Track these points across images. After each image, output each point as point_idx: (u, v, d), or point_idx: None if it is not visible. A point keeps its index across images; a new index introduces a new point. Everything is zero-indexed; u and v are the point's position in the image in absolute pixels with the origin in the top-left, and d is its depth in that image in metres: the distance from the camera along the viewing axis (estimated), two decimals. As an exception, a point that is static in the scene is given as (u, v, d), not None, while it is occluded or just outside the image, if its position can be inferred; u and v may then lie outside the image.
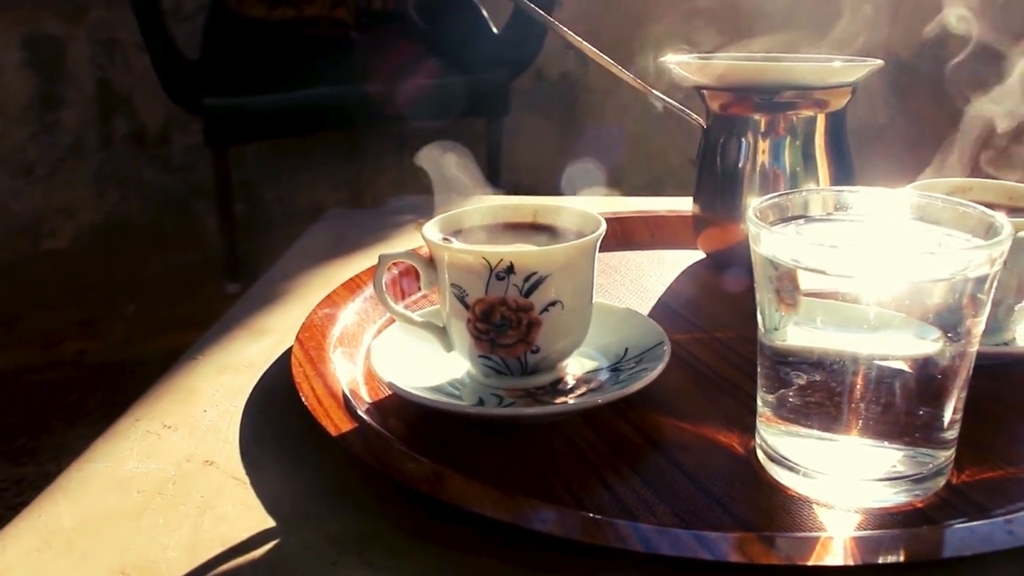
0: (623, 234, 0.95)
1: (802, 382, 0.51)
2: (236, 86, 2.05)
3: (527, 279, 0.58)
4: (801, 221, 0.56)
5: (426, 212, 0.68)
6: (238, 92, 2.03)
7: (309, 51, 2.12)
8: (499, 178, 2.07)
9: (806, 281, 0.50)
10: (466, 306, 0.60)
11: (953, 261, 0.49)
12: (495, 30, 2.13)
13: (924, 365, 0.50)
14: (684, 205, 0.91)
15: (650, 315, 0.77)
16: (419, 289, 0.80)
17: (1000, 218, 0.51)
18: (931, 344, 0.49)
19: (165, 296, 2.43)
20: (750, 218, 0.51)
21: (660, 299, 0.82)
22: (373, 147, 2.48)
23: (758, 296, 0.53)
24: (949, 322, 0.49)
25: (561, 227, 0.65)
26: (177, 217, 2.48)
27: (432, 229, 0.64)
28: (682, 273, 0.87)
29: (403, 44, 2.13)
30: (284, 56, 2.10)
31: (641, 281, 0.85)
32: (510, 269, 0.58)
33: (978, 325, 0.50)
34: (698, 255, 0.91)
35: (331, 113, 2.10)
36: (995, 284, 0.50)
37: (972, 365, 0.51)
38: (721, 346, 0.71)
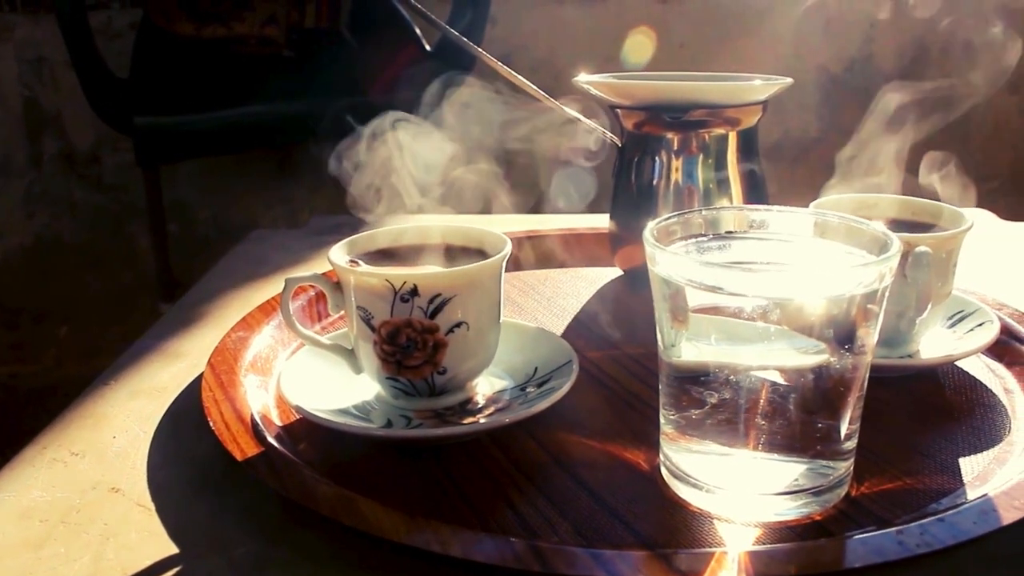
0: (542, 252, 0.96)
1: (701, 399, 0.52)
2: (167, 105, 2.02)
3: (431, 301, 0.59)
4: (703, 239, 0.57)
5: (349, 232, 0.68)
6: (169, 111, 2.01)
7: (241, 69, 2.10)
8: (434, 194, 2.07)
9: (701, 298, 0.50)
10: (372, 328, 0.60)
11: (842, 278, 0.50)
12: (428, 47, 2.13)
13: (819, 378, 0.51)
14: (603, 223, 0.92)
15: (564, 333, 0.78)
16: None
17: (889, 235, 0.52)
18: (825, 357, 0.50)
19: (98, 317, 2.40)
20: (646, 238, 0.52)
21: (576, 317, 0.82)
22: (308, 165, 2.46)
23: (656, 314, 0.54)
24: (842, 335, 0.50)
25: (469, 248, 0.66)
26: (109, 237, 2.45)
27: (339, 252, 0.64)
28: (599, 291, 0.88)
29: (336, 62, 2.12)
30: (215, 74, 2.09)
31: (557, 299, 0.86)
32: (414, 291, 0.58)
33: (871, 336, 0.51)
34: (615, 272, 0.92)
35: (264, 131, 2.09)
36: (886, 297, 0.51)
37: (867, 375, 0.52)
38: (633, 363, 0.72)
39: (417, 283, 0.58)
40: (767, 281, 0.50)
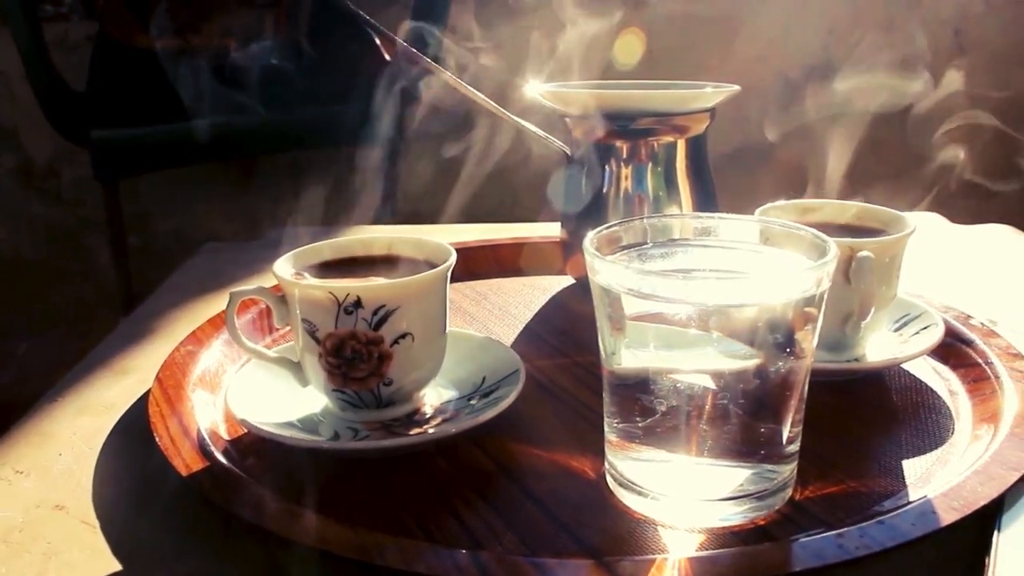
0: (496, 261, 0.96)
1: (643, 406, 0.52)
2: (124, 117, 2.01)
3: (375, 312, 0.59)
4: (646, 247, 0.57)
5: (304, 244, 0.68)
6: (127, 123, 1.99)
7: (198, 81, 2.09)
8: (395, 207, 2.06)
9: (640, 306, 0.51)
10: (317, 341, 0.60)
11: (779, 284, 0.50)
12: (387, 57, 2.13)
13: (760, 383, 0.51)
14: (556, 231, 0.92)
15: (515, 342, 0.78)
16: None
17: (827, 240, 0.52)
18: (764, 362, 0.50)
19: (59, 333, 2.37)
20: (585, 248, 0.52)
21: (527, 325, 0.82)
22: (269, 176, 2.45)
23: (598, 322, 0.54)
24: (781, 340, 0.50)
25: (415, 259, 0.66)
26: (70, 252, 2.43)
27: (284, 265, 0.63)
28: (551, 299, 0.88)
29: (295, 73, 2.12)
30: (173, 86, 2.07)
31: (509, 308, 0.86)
32: (358, 303, 0.58)
33: (810, 341, 0.52)
34: (568, 280, 0.92)
35: (221, 143, 2.08)
36: (825, 302, 0.51)
37: (807, 379, 0.53)
38: (582, 371, 0.72)
39: (360, 295, 0.58)
40: (703, 288, 0.50)
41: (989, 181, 2.77)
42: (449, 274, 0.63)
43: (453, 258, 0.63)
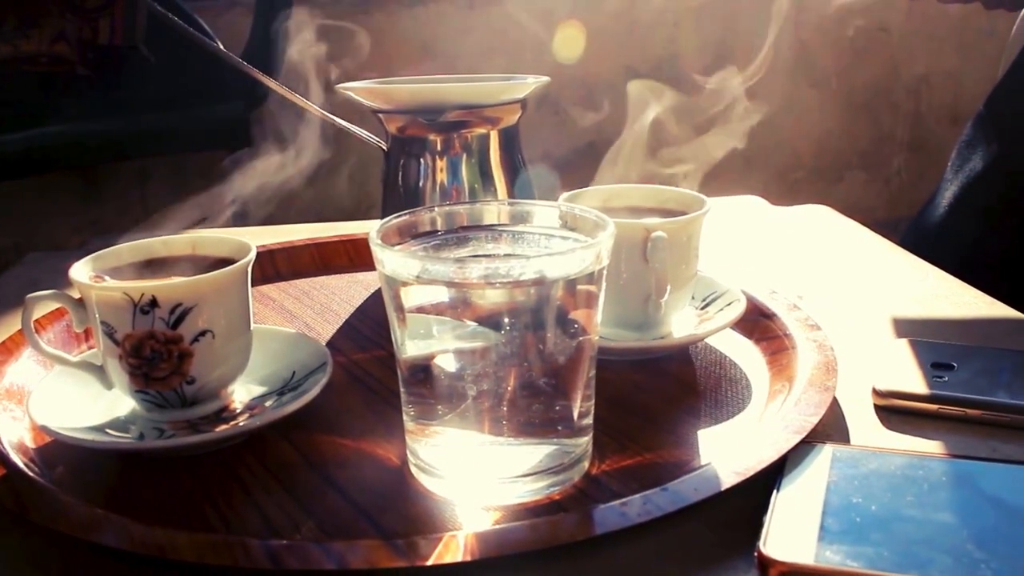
0: (322, 259, 0.96)
1: (432, 393, 0.54)
2: (-45, 129, 1.95)
3: (172, 311, 0.59)
4: (437, 236, 0.58)
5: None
6: (-43, 136, 1.94)
7: (33, 89, 2.03)
8: (243, 210, 2.04)
9: (422, 296, 0.52)
10: (116, 342, 0.60)
11: (553, 263, 0.52)
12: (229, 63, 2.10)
13: (545, 361, 0.53)
14: (380, 227, 0.92)
15: (333, 337, 0.79)
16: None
17: (605, 220, 0.54)
18: (548, 341, 0.52)
19: None
20: (371, 239, 0.53)
21: (347, 321, 0.83)
22: (114, 185, 2.40)
23: (388, 314, 0.55)
24: (562, 318, 0.52)
25: (217, 257, 0.66)
26: (-95, 271, 2.34)
27: (81, 268, 0.63)
28: (373, 294, 0.89)
29: (135, 79, 2.07)
30: (6, 95, 2.01)
31: (332, 305, 0.86)
32: (153, 302, 0.58)
33: (593, 318, 0.54)
34: (391, 275, 0.92)
35: (63, 152, 2.03)
36: (604, 280, 0.53)
37: (594, 355, 0.55)
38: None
39: (155, 294, 0.58)
40: (479, 271, 0.51)
41: (832, 167, 2.86)
42: (250, 270, 0.63)
43: (252, 254, 0.63)
